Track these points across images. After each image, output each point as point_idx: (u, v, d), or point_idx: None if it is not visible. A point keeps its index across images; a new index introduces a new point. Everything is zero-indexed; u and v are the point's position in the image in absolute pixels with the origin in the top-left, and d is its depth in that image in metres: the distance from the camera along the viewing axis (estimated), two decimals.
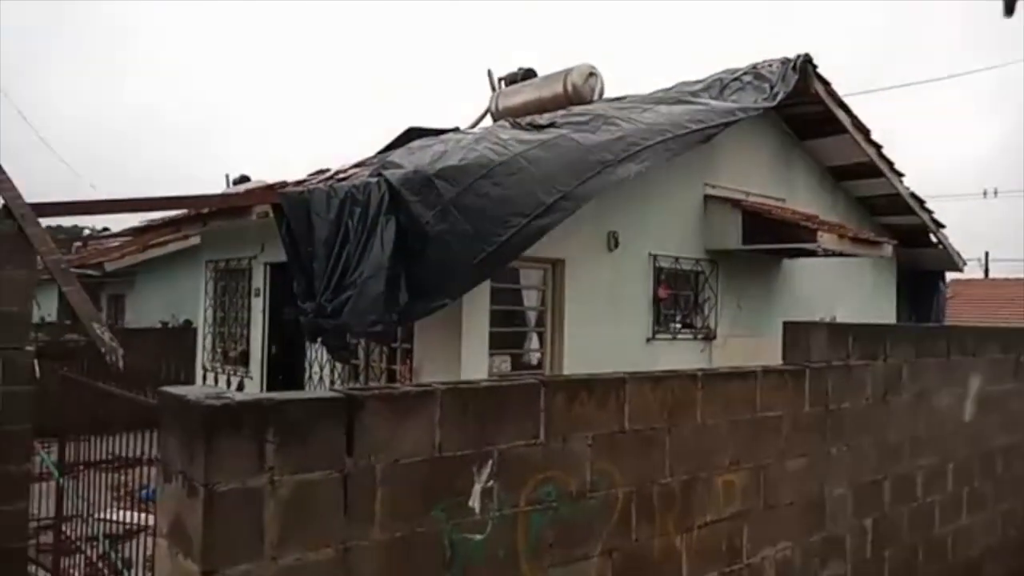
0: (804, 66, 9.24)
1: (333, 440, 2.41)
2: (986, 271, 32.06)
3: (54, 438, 5.73)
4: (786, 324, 4.54)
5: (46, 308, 15.95)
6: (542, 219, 6.14)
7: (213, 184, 18.23)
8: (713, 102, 8.03)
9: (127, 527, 6.36)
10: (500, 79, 11.26)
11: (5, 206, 5.04)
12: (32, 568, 5.55)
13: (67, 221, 32.87)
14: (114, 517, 6.47)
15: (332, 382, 8.36)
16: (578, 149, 6.60)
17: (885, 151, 10.75)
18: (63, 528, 5.67)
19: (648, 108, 7.60)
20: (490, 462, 2.83)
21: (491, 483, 2.82)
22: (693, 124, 7.47)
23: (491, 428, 2.85)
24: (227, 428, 2.21)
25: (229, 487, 2.19)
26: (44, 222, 5.06)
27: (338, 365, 8.21)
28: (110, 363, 4.11)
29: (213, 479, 2.17)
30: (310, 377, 8.78)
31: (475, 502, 2.77)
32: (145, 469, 5.00)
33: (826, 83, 9.68)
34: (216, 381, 10.57)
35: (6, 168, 5.30)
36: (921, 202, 11.70)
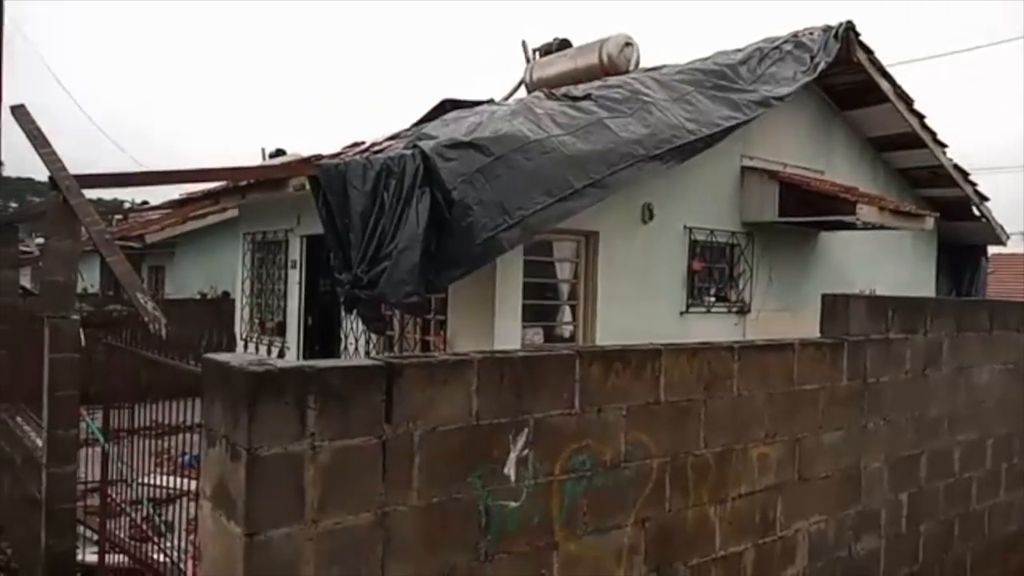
0: (846, 34, 9.02)
1: (372, 407, 2.45)
2: None
3: (99, 405, 5.88)
4: (824, 296, 4.48)
5: (89, 279, 16.34)
6: (568, 201, 6.21)
7: (249, 159, 18.42)
8: (748, 91, 7.84)
9: (169, 492, 6.54)
10: (534, 50, 11.15)
11: (50, 178, 5.15)
12: (80, 529, 5.74)
13: (108, 194, 33.52)
14: (157, 482, 6.65)
15: (367, 352, 8.46)
16: (612, 139, 6.56)
17: (928, 121, 10.49)
18: (109, 491, 5.84)
19: (684, 95, 7.45)
20: (525, 431, 2.86)
21: (526, 451, 2.85)
22: (724, 121, 7.41)
23: (527, 397, 2.87)
24: (270, 394, 2.25)
25: (271, 452, 2.25)
26: (87, 194, 5.16)
27: (373, 336, 8.30)
28: (153, 332, 4.21)
29: (256, 444, 2.22)
30: (345, 348, 8.90)
31: (510, 470, 2.80)
32: (185, 436, 5.13)
33: (869, 51, 9.43)
34: (256, 350, 10.76)
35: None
36: (965, 174, 11.41)
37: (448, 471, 2.64)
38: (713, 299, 9.00)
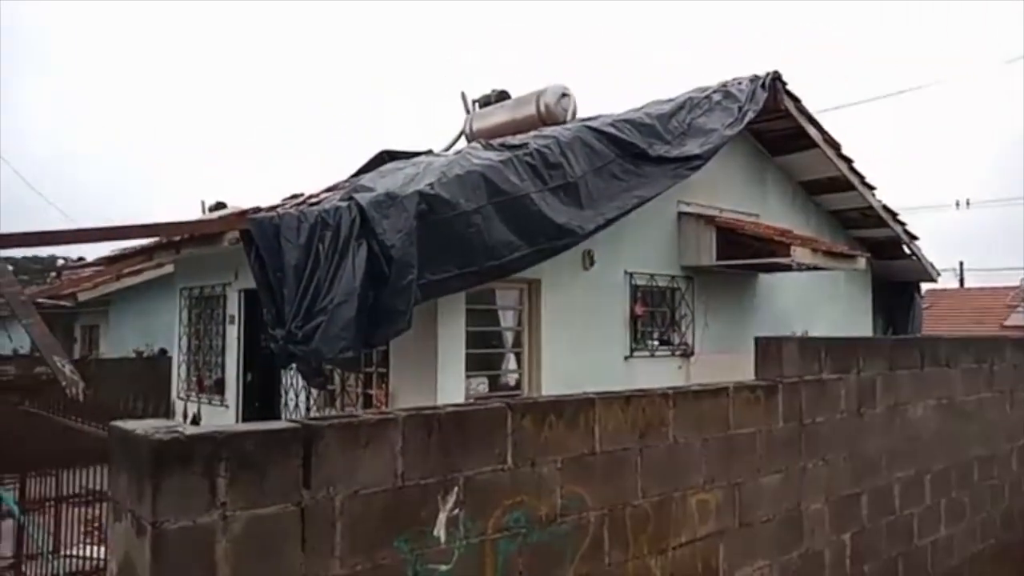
0: (773, 83, 9.33)
1: (289, 472, 2.34)
2: (961, 281, 32.46)
3: (16, 474, 5.58)
4: (758, 339, 4.52)
5: (18, 340, 15.71)
6: (492, 270, 6.58)
7: (193, 211, 18.07)
8: (668, 159, 8.09)
9: (99, 562, 6.21)
10: (474, 101, 11.27)
11: None
12: None
13: (43, 251, 32.48)
14: (83, 553, 6.31)
15: (308, 408, 8.26)
16: (526, 224, 6.82)
17: (856, 165, 10.86)
18: (23, 568, 5.50)
19: (607, 163, 7.62)
20: (455, 489, 2.77)
21: (457, 511, 2.76)
22: (645, 193, 7.82)
23: (456, 454, 2.80)
24: (176, 463, 2.14)
25: (178, 525, 2.12)
26: (13, 253, 4.96)
27: (314, 391, 8.11)
28: (70, 395, 4.02)
29: (161, 517, 2.10)
30: (286, 404, 8.67)
31: (440, 531, 2.71)
32: None
33: (796, 99, 9.77)
34: (198, 410, 10.40)
35: None
36: (893, 214, 11.81)
37: (373, 536, 2.53)
38: (656, 343, 9.05)
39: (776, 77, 9.39)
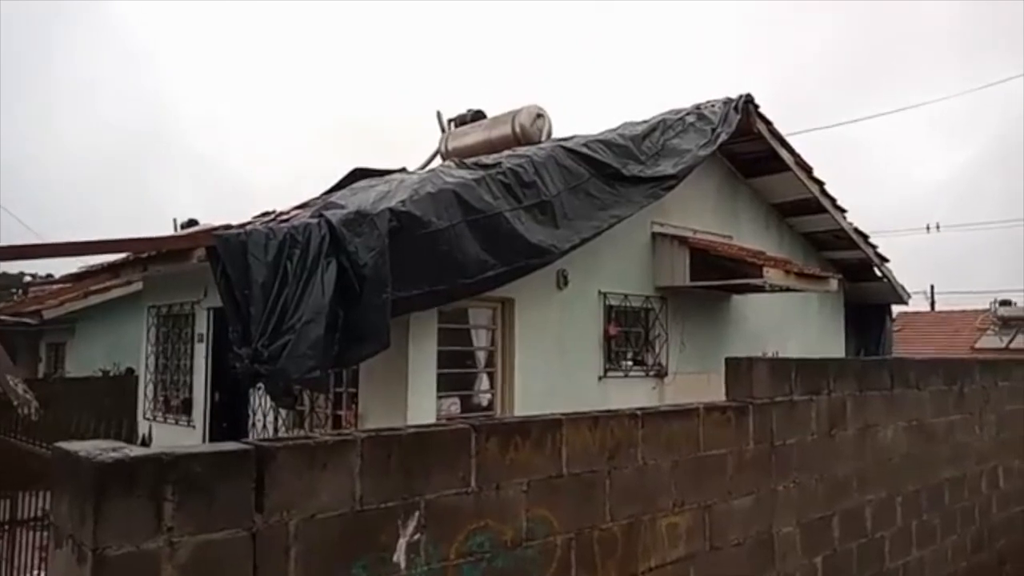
0: (745, 106, 9.43)
1: (240, 496, 2.25)
2: (932, 303, 32.89)
3: None
4: (728, 360, 4.48)
5: None
6: (464, 288, 6.58)
7: (165, 228, 17.78)
8: (643, 178, 8.18)
9: None
10: (450, 120, 11.26)
11: None
12: None
13: (11, 267, 31.89)
14: None
15: (276, 429, 8.10)
16: (513, 239, 6.87)
17: (828, 188, 10.97)
18: None
19: (582, 182, 7.70)
20: (417, 514, 2.69)
21: (418, 536, 2.68)
22: (619, 213, 7.94)
23: (418, 477, 2.71)
24: (120, 486, 2.04)
25: (121, 551, 2.02)
26: None
27: (282, 411, 7.97)
28: (22, 415, 3.89)
29: (103, 543, 2.00)
30: (254, 424, 8.50)
31: (400, 557, 2.62)
32: None
33: (768, 122, 9.87)
34: (149, 429, 10.17)
35: None
36: (865, 237, 11.94)
37: (329, 562, 2.44)
38: (630, 363, 9.02)
39: (748, 100, 9.48)
